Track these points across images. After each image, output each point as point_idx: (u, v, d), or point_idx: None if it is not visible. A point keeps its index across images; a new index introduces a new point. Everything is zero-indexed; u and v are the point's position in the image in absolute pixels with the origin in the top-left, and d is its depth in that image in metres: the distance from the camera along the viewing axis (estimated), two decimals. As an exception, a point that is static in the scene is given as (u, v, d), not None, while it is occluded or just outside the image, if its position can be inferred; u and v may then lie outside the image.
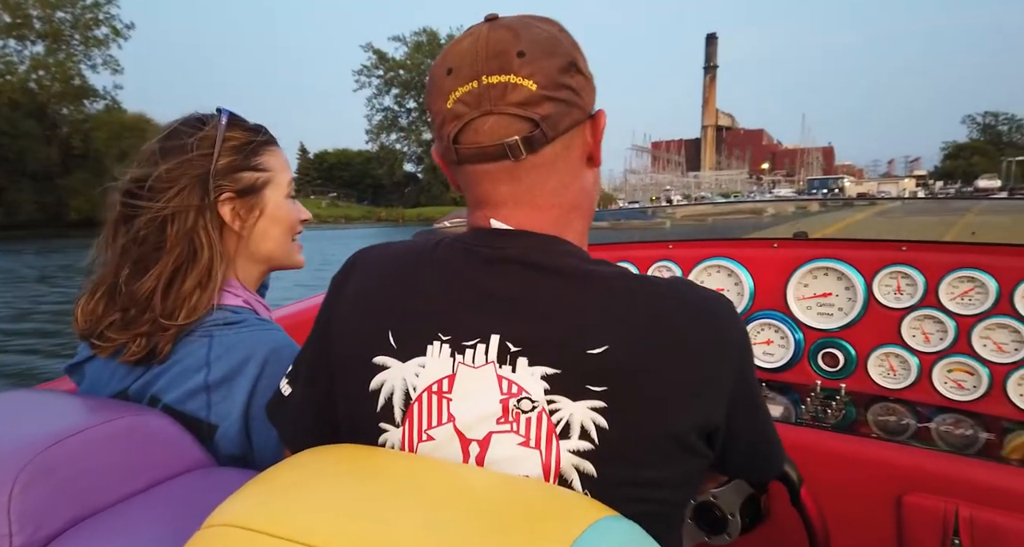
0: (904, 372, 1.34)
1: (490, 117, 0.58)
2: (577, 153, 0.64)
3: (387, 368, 0.61)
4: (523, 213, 0.63)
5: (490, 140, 0.59)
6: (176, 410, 0.80)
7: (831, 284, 1.44)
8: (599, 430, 0.55)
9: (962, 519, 0.90)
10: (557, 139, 0.60)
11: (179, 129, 0.87)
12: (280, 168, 0.93)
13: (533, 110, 0.58)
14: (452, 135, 0.60)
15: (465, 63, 0.59)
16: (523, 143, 0.58)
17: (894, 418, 1.20)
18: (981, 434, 1.11)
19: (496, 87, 0.58)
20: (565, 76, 0.59)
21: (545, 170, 0.62)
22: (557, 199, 0.63)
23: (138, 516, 0.65)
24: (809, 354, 1.44)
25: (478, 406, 0.57)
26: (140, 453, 0.72)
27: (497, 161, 0.60)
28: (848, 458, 1.02)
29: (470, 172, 0.63)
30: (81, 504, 0.64)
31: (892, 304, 1.36)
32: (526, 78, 0.57)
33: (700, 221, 3.14)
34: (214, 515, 0.50)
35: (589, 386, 0.55)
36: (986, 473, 0.93)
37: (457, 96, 0.59)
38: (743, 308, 1.52)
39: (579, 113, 0.62)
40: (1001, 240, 1.32)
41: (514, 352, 0.57)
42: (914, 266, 1.34)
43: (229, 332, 0.82)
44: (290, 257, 0.97)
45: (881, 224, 3.23)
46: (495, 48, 0.58)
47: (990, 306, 1.26)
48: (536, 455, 0.56)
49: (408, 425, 0.60)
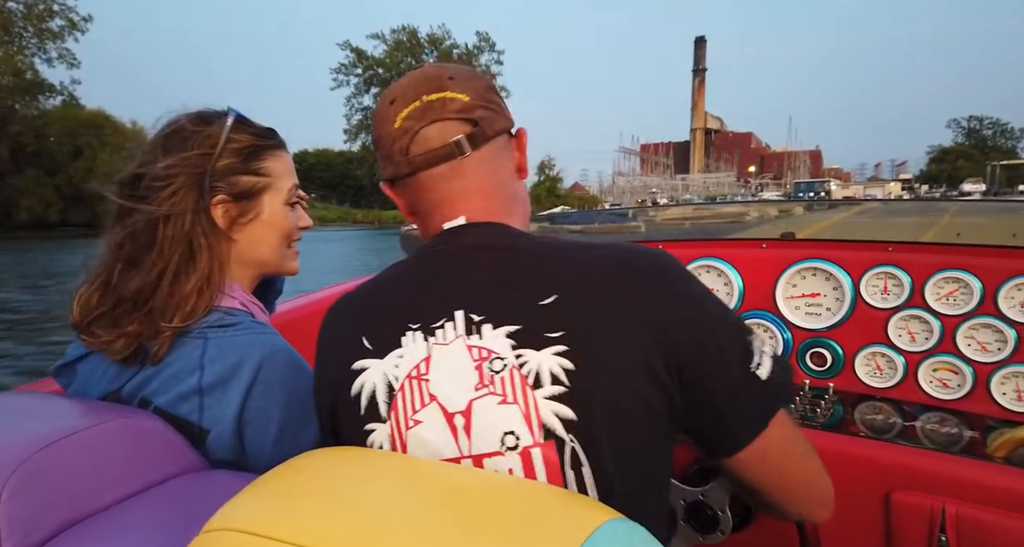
0: (891, 371, 1.37)
1: (436, 124, 0.68)
2: (508, 159, 0.75)
3: (365, 369, 0.65)
4: (473, 202, 0.71)
5: (439, 143, 0.68)
6: (168, 413, 0.79)
7: (819, 284, 1.46)
8: (567, 372, 0.58)
9: (948, 516, 0.92)
10: (493, 139, 0.71)
11: (183, 125, 0.86)
12: (282, 174, 0.92)
13: (470, 114, 0.69)
14: (405, 147, 0.69)
15: (406, 91, 0.70)
16: (467, 140, 0.69)
17: (881, 417, 1.22)
18: (965, 432, 1.13)
19: (436, 101, 0.68)
20: (490, 94, 0.72)
21: (487, 166, 0.71)
22: (499, 191, 0.72)
23: (131, 520, 0.64)
24: (798, 354, 1.46)
25: (455, 379, 0.61)
26: (132, 456, 0.70)
27: (447, 161, 0.69)
28: (837, 457, 1.03)
29: (424, 179, 0.71)
30: (72, 508, 0.63)
31: (879, 304, 1.38)
32: (459, 93, 0.69)
33: (679, 225, 3.12)
34: (214, 519, 0.50)
35: (547, 334, 0.59)
36: (971, 471, 0.95)
37: (403, 115, 0.69)
38: (733, 308, 1.53)
39: (505, 121, 0.73)
40: (985, 241, 1.35)
41: (478, 321, 0.62)
42: (900, 267, 1.36)
43: (224, 335, 0.81)
44: (283, 264, 0.95)
45: (863, 224, 3.26)
46: (429, 76, 0.71)
47: (974, 306, 1.29)
48: (516, 409, 0.59)
49: (394, 416, 0.63)
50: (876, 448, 1.03)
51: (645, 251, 0.66)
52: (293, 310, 1.50)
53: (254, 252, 0.90)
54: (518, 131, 0.76)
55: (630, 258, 0.64)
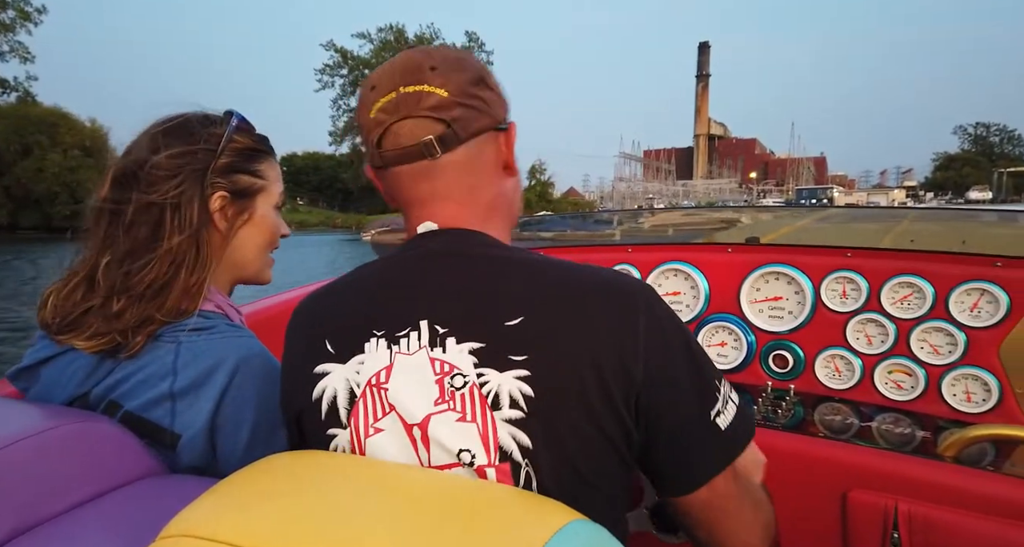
0: (848, 373, 1.41)
1: (408, 121, 0.65)
2: (490, 159, 0.70)
3: (327, 374, 0.64)
4: (444, 208, 0.68)
5: (409, 141, 0.65)
6: (138, 417, 0.77)
7: (782, 288, 1.49)
8: (526, 398, 0.57)
9: (901, 514, 0.95)
10: (469, 140, 0.67)
11: (188, 121, 0.87)
12: (274, 179, 0.93)
13: (445, 113, 0.65)
14: (376, 140, 0.67)
15: (385, 79, 0.67)
16: (437, 142, 0.65)
17: (839, 418, 1.26)
18: (918, 432, 1.18)
19: (412, 95, 0.65)
20: (474, 88, 0.67)
21: (460, 169, 0.68)
22: (473, 197, 0.69)
23: (86, 526, 0.62)
24: (761, 356, 1.49)
25: (415, 391, 0.60)
26: (89, 461, 0.68)
27: (416, 161, 0.66)
28: (797, 456, 1.06)
29: (395, 174, 0.68)
30: (24, 514, 0.61)
31: (838, 308, 1.42)
32: (438, 87, 0.65)
33: (661, 232, 3.10)
34: (171, 525, 0.49)
35: (511, 356, 0.58)
36: (922, 470, 0.98)
37: (378, 106, 0.66)
38: (699, 311, 1.56)
39: (488, 120, 0.68)
40: (937, 248, 1.40)
41: (442, 333, 0.60)
42: (858, 272, 1.40)
43: (198, 339, 0.79)
44: (261, 271, 0.96)
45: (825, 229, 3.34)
46: (410, 65, 0.66)
47: (927, 310, 1.33)
48: (474, 428, 0.58)
49: (354, 423, 0.62)
50: (834, 448, 1.06)
51: (622, 280, 0.63)
52: (266, 309, 1.48)
53: (241, 253, 0.91)
54: (508, 125, 0.72)
55: (604, 286, 0.62)
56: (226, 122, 0.88)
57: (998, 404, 1.27)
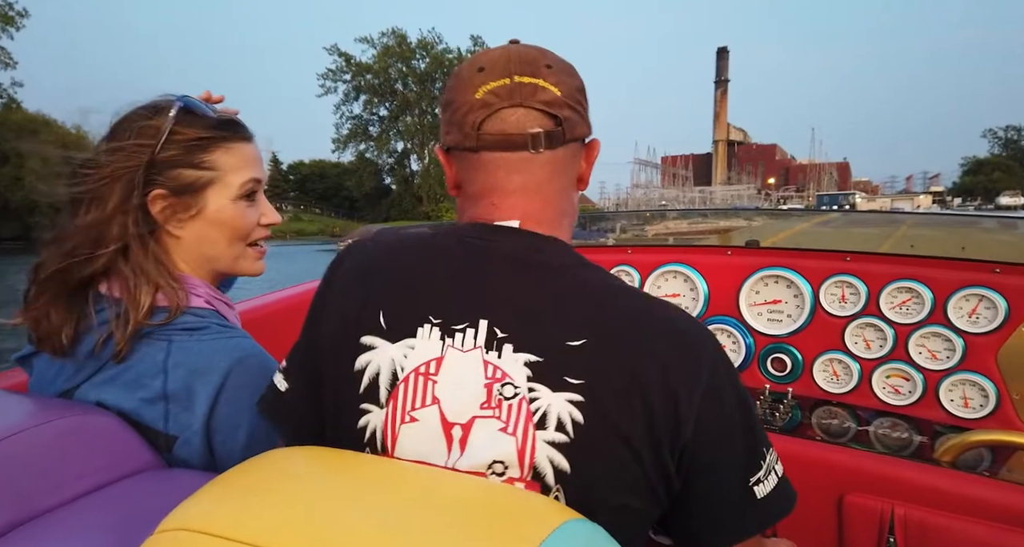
0: (846, 377, 1.41)
1: (519, 109, 0.63)
2: (574, 168, 0.70)
3: (374, 348, 0.62)
4: (530, 203, 0.66)
5: (516, 129, 0.64)
6: (131, 419, 0.76)
7: (781, 292, 1.49)
8: (575, 424, 0.56)
9: (897, 518, 0.95)
10: (569, 144, 0.66)
11: (132, 114, 0.82)
12: (233, 168, 0.85)
13: (557, 110, 0.64)
14: (478, 122, 0.64)
15: (498, 65, 0.65)
16: (545, 136, 0.64)
17: (836, 421, 1.26)
18: (915, 437, 1.18)
19: (527, 86, 0.63)
20: (579, 95, 0.67)
21: (555, 168, 0.67)
22: (559, 199, 0.68)
23: (82, 520, 0.62)
24: (759, 359, 1.49)
25: (464, 390, 0.58)
26: (85, 454, 0.68)
27: (517, 151, 0.64)
28: (794, 459, 1.06)
29: (487, 160, 0.66)
30: (20, 507, 0.61)
31: (837, 312, 1.43)
32: (553, 85, 0.64)
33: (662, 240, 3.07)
34: (169, 519, 0.49)
35: (567, 378, 0.56)
36: (919, 474, 0.98)
37: (488, 88, 0.64)
38: (698, 313, 1.56)
39: (586, 129, 0.68)
40: (936, 253, 1.40)
41: (501, 338, 0.59)
42: (857, 276, 1.41)
43: (190, 339, 0.77)
44: (237, 264, 0.89)
45: (826, 233, 3.35)
46: (526, 57, 0.65)
47: (925, 315, 1.34)
48: (512, 442, 0.57)
49: (392, 406, 0.60)
50: (831, 452, 1.06)
51: (693, 329, 0.61)
52: (261, 307, 1.47)
53: (202, 250, 0.86)
54: (591, 141, 0.71)
55: (674, 331, 0.60)
56: (166, 111, 0.81)
57: (995, 410, 1.27)
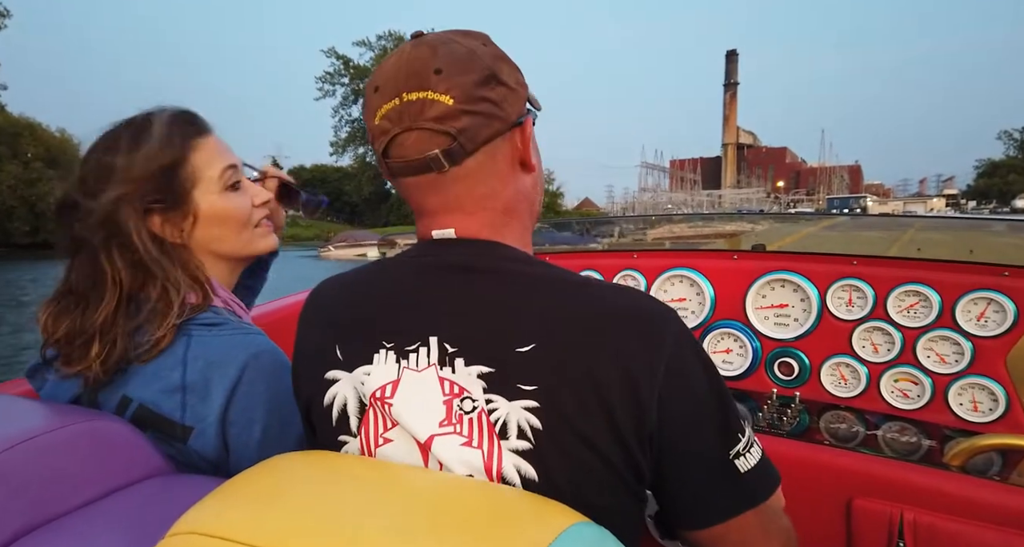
0: (854, 381, 1.40)
1: (412, 132, 0.61)
2: (505, 160, 0.65)
3: (337, 381, 0.63)
4: (454, 219, 0.65)
5: (414, 154, 0.61)
6: (150, 411, 0.78)
7: (788, 295, 1.49)
8: (535, 431, 0.55)
9: (906, 522, 0.94)
10: (479, 150, 0.62)
11: (96, 158, 0.83)
12: (207, 163, 0.85)
13: (450, 124, 0.60)
14: (381, 150, 0.63)
15: (389, 81, 0.62)
16: (444, 156, 0.61)
17: (844, 425, 1.25)
18: (924, 441, 1.17)
19: (415, 103, 0.60)
20: (483, 90, 0.61)
21: (470, 180, 0.63)
22: (487, 204, 0.65)
23: (95, 525, 0.63)
24: (766, 363, 1.49)
25: (421, 409, 0.58)
26: (97, 460, 0.69)
27: (422, 174, 0.62)
28: (802, 464, 1.06)
29: (403, 184, 0.66)
30: (34, 513, 0.62)
31: (844, 316, 1.42)
32: (443, 94, 0.59)
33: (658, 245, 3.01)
34: (180, 523, 0.49)
35: (520, 385, 0.56)
36: (928, 479, 0.97)
37: (382, 113, 0.62)
38: (704, 317, 1.56)
39: (500, 124, 0.63)
40: (943, 257, 1.40)
41: (451, 353, 0.58)
42: (864, 280, 1.40)
43: (208, 334, 0.80)
44: (252, 246, 0.92)
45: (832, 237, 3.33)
46: (414, 66, 0.61)
47: (933, 319, 1.33)
48: (478, 455, 0.56)
49: (364, 432, 0.61)
50: (839, 456, 1.06)
51: (645, 307, 0.59)
52: (278, 310, 1.49)
53: (212, 248, 0.88)
54: (523, 121, 0.65)
55: (623, 313, 0.58)
56: (132, 151, 0.82)
57: (1005, 413, 1.26)
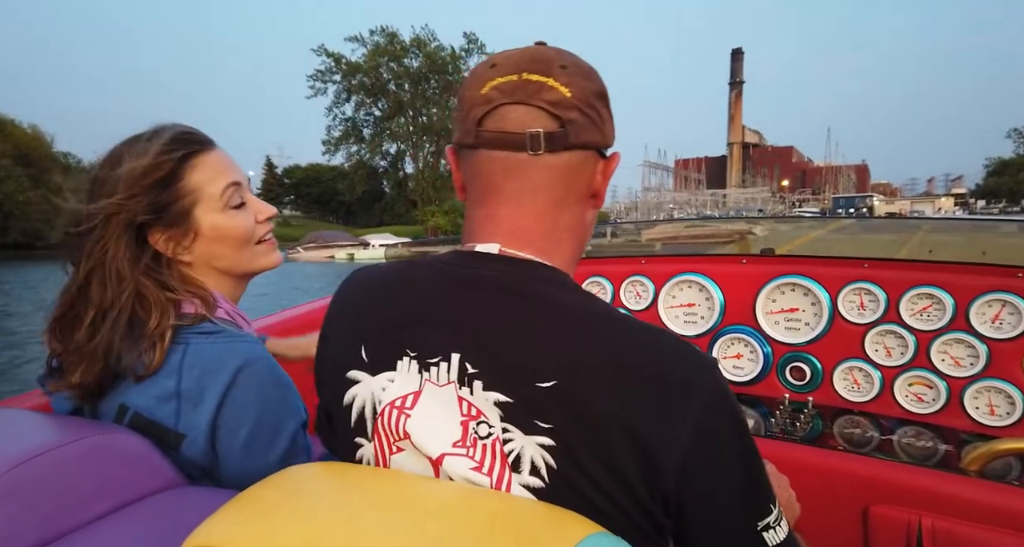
0: (868, 385, 1.39)
1: (520, 106, 0.60)
2: (585, 180, 0.64)
3: (359, 382, 0.62)
4: (523, 213, 0.62)
5: (515, 127, 0.60)
6: (145, 418, 0.79)
7: (798, 300, 1.48)
8: (549, 469, 0.53)
9: (925, 529, 0.93)
10: (576, 149, 0.61)
11: (98, 175, 0.84)
12: (208, 181, 0.86)
13: (563, 111, 0.59)
14: (478, 117, 0.61)
15: (509, 61, 0.62)
16: (545, 137, 0.59)
17: (858, 430, 1.24)
18: (941, 446, 1.16)
19: (534, 83, 0.60)
20: (596, 101, 0.62)
21: (555, 175, 0.62)
22: (557, 210, 0.63)
23: (108, 537, 0.63)
24: (777, 368, 1.48)
25: (437, 425, 0.57)
26: (109, 473, 0.69)
27: (514, 151, 0.60)
28: (816, 470, 1.05)
29: (484, 159, 0.62)
30: (47, 527, 0.62)
31: (856, 319, 1.41)
32: (563, 85, 0.60)
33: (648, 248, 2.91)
34: (192, 537, 0.49)
35: (537, 421, 0.53)
36: (946, 484, 0.96)
37: (494, 84, 0.61)
38: (714, 322, 1.55)
39: (600, 136, 0.63)
40: (956, 259, 1.38)
41: (471, 373, 0.56)
42: (876, 283, 1.39)
43: (205, 342, 0.80)
44: (254, 263, 0.93)
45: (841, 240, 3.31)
46: (541, 56, 0.62)
47: (947, 322, 1.32)
48: (487, 481, 0.55)
49: (378, 439, 0.60)
50: (854, 462, 1.05)
51: (681, 360, 0.55)
52: (277, 324, 1.49)
53: (214, 265, 0.89)
54: (611, 155, 0.66)
55: (655, 364, 0.54)
56: (127, 165, 0.82)
57: (1023, 417, 1.24)
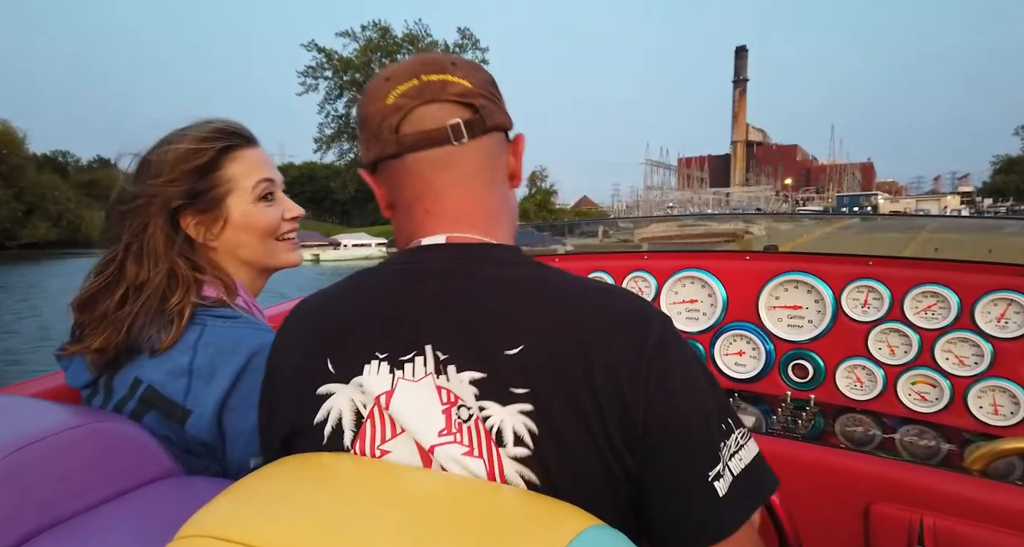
0: (870, 384, 1.38)
1: (432, 104, 0.63)
2: (503, 161, 0.69)
3: (332, 394, 0.61)
4: (462, 202, 0.65)
5: (433, 124, 0.63)
6: (156, 392, 0.81)
7: (801, 297, 1.47)
8: (532, 435, 0.54)
9: (926, 528, 0.93)
10: (491, 133, 0.65)
11: (147, 158, 0.89)
12: (244, 174, 0.92)
13: (472, 99, 0.64)
14: (394, 125, 0.63)
15: (403, 70, 0.65)
16: (465, 125, 0.63)
17: (861, 429, 1.23)
18: (943, 445, 1.15)
19: (436, 82, 0.63)
20: (491, 87, 0.67)
21: (482, 159, 0.66)
22: (489, 193, 0.67)
23: (104, 526, 0.63)
24: (780, 365, 1.47)
25: (419, 418, 0.57)
26: (106, 461, 0.69)
27: (440, 146, 0.63)
28: (818, 468, 1.04)
29: (411, 163, 0.64)
30: (44, 513, 0.62)
31: (859, 317, 1.40)
32: (461, 78, 0.64)
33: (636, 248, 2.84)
34: (187, 525, 0.49)
35: (512, 389, 0.54)
36: (948, 483, 0.96)
37: (398, 93, 0.63)
38: (716, 319, 1.55)
39: (505, 118, 0.68)
40: (961, 257, 1.37)
41: (444, 360, 0.57)
42: (880, 280, 1.38)
43: (222, 324, 0.84)
44: (275, 258, 0.98)
45: (845, 238, 3.29)
46: (430, 59, 0.66)
47: (952, 320, 1.31)
48: (481, 464, 0.55)
49: (358, 447, 0.59)
50: (856, 460, 1.04)
51: (633, 308, 0.58)
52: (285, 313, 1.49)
53: (237, 254, 0.93)
54: (516, 136, 0.70)
55: (611, 313, 0.57)
56: (178, 145, 0.88)
57: None
